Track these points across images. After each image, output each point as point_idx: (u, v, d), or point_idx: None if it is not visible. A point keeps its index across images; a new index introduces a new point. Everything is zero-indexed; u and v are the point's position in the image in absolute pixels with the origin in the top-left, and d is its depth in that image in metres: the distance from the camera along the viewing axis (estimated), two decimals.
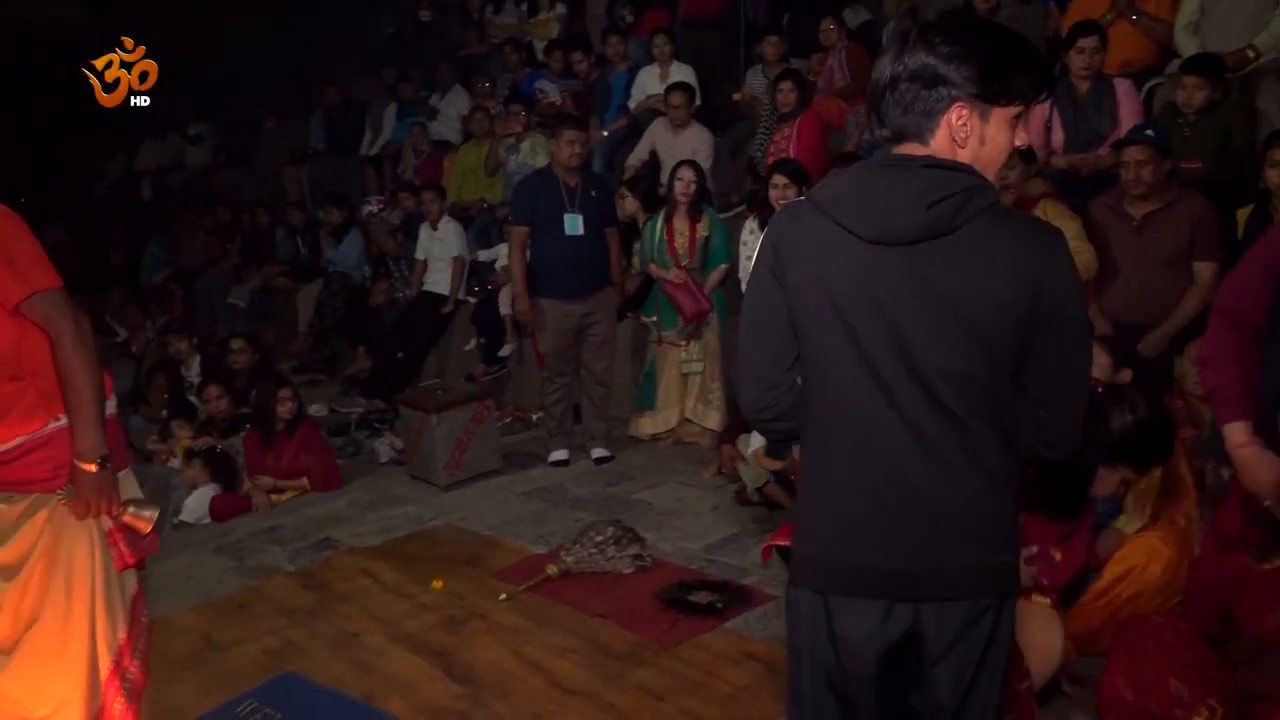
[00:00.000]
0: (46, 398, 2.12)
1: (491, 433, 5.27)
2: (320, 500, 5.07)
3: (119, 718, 2.19)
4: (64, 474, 2.13)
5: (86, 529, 2.15)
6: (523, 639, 3.34)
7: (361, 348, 7.58)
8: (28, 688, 2.12)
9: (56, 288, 2.10)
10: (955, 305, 1.51)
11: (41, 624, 2.11)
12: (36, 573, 2.11)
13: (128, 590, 2.25)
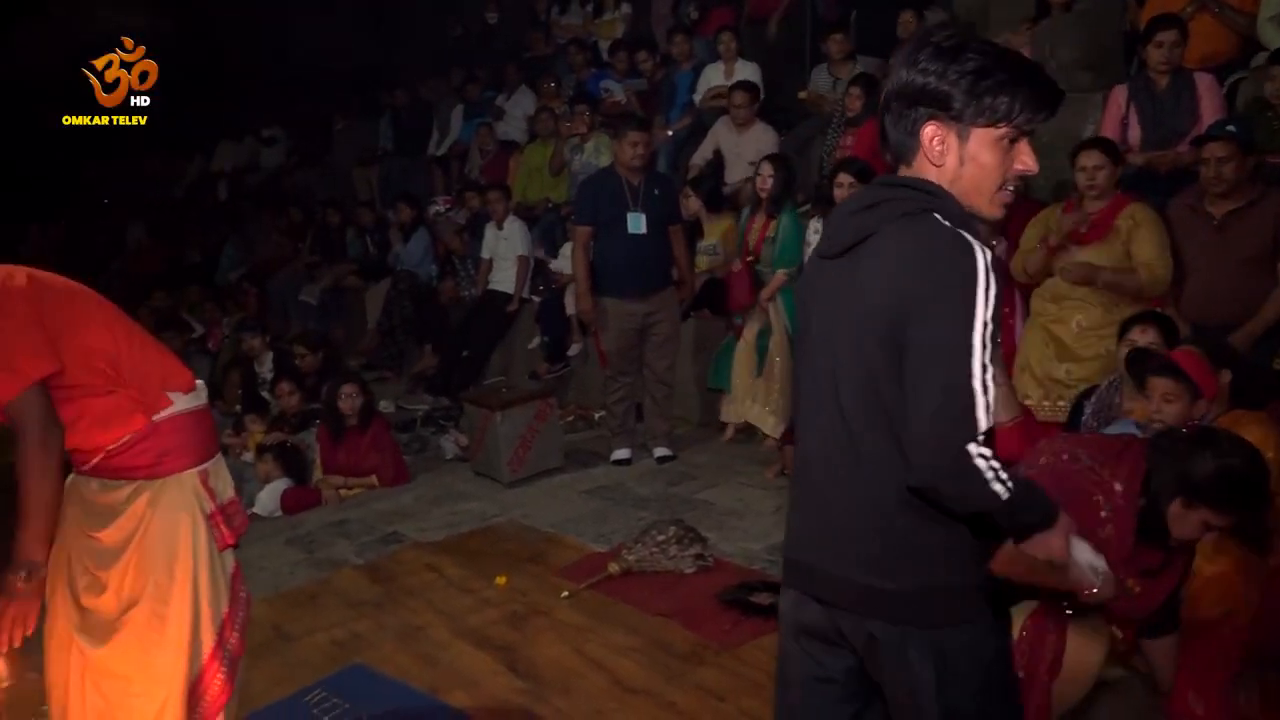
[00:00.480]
0: (142, 400, 2.23)
1: (554, 431, 5.31)
2: (387, 495, 5.16)
3: (219, 688, 2.30)
4: (166, 461, 2.24)
5: (189, 511, 2.26)
6: (584, 636, 3.36)
7: (428, 346, 7.69)
8: (131, 664, 2.22)
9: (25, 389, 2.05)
10: (857, 311, 1.55)
11: (142, 604, 2.21)
12: (137, 556, 2.22)
13: (228, 568, 2.37)
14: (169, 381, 2.30)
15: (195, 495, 2.29)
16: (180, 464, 2.27)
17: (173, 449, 2.26)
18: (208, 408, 2.40)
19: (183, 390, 2.31)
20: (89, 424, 2.19)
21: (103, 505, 2.25)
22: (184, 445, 2.28)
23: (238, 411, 6.53)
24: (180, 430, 2.28)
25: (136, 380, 2.23)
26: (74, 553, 2.26)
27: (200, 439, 2.33)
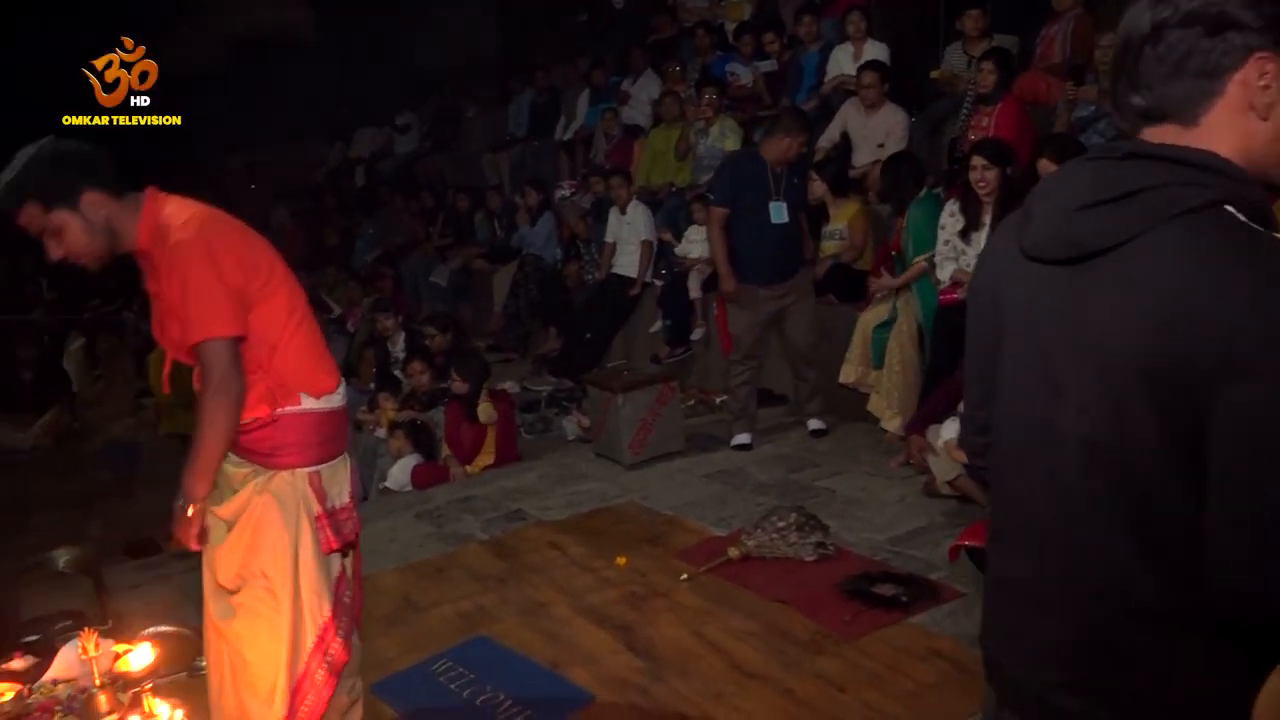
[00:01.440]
0: (274, 392, 2.27)
1: (675, 414, 5.32)
2: (511, 473, 5.28)
3: (320, 684, 2.33)
4: (282, 455, 2.29)
5: (294, 509, 2.29)
6: (703, 619, 3.36)
7: (552, 328, 7.81)
8: (245, 644, 2.31)
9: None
10: (1099, 350, 1.10)
11: (252, 585, 2.30)
12: (244, 540, 2.29)
13: (333, 572, 2.37)
14: (309, 383, 2.32)
15: (303, 495, 2.30)
16: (293, 461, 2.30)
17: (288, 445, 2.29)
18: (339, 413, 2.40)
19: (317, 393, 2.33)
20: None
21: (227, 479, 2.33)
22: (300, 444, 2.31)
23: (372, 389, 6.78)
24: (299, 429, 2.30)
25: (279, 373, 2.29)
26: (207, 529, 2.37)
27: (319, 441, 2.33)
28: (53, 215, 2.13)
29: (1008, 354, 1.26)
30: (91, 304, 11.51)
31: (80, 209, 2.13)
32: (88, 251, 2.18)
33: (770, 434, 5.44)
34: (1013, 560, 1.26)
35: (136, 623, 3.47)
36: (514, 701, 2.93)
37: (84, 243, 2.16)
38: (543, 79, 10.34)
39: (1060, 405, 1.16)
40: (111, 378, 8.06)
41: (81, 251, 2.18)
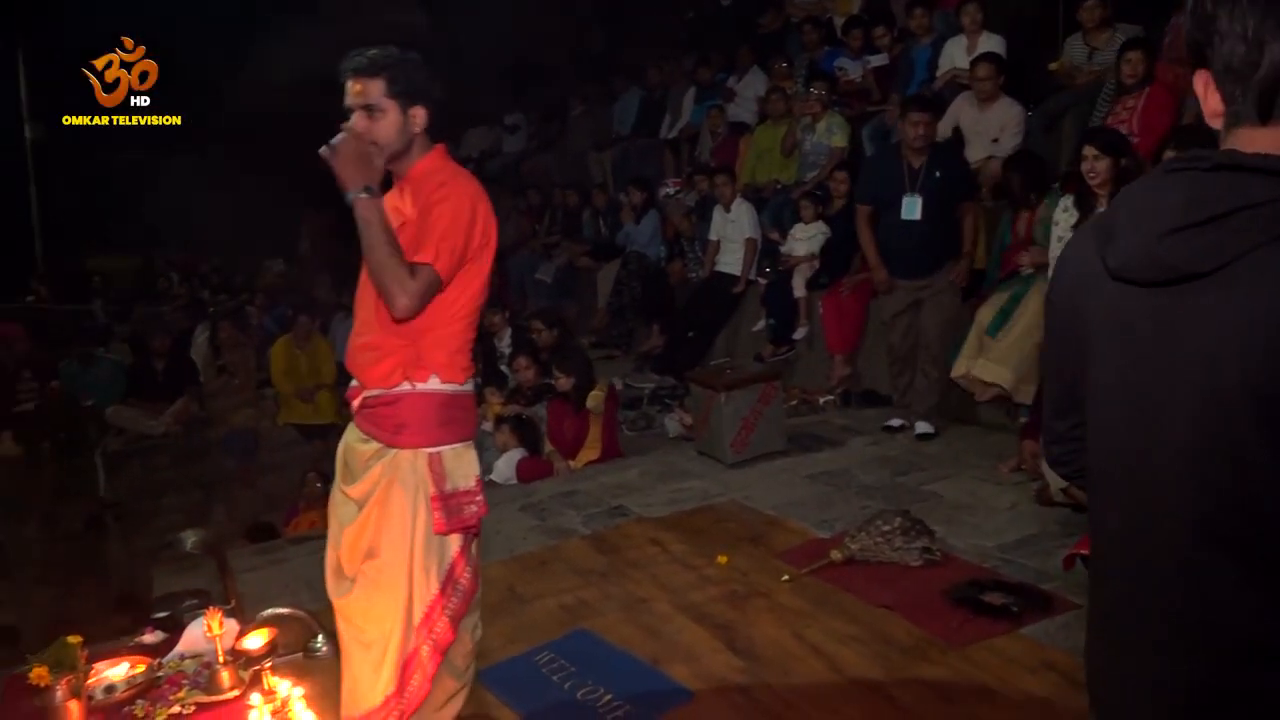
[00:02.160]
0: (405, 365, 2.34)
1: (778, 413, 5.28)
2: (613, 469, 5.32)
3: (425, 662, 2.39)
4: (405, 434, 2.35)
5: (411, 488, 2.35)
6: (804, 621, 3.33)
7: (656, 325, 7.84)
8: (363, 612, 2.38)
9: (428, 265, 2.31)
10: (1203, 375, 1.03)
11: (374, 560, 2.38)
12: (374, 514, 2.37)
13: (448, 552, 2.41)
14: (444, 367, 2.38)
15: (421, 475, 2.35)
16: (414, 441, 2.35)
17: (411, 424, 2.35)
18: (465, 398, 2.45)
19: (446, 378, 2.38)
20: (375, 348, 2.38)
21: (355, 457, 2.43)
22: (422, 424, 2.36)
23: (478, 384, 6.93)
24: (423, 409, 2.36)
25: (424, 347, 2.36)
26: (336, 508, 2.48)
27: (440, 423, 2.38)
28: (386, 100, 2.33)
29: (1096, 380, 1.18)
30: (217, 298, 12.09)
31: (407, 112, 2.35)
32: (384, 142, 2.35)
33: (874, 436, 5.35)
34: (1117, 596, 1.18)
35: (255, 604, 3.64)
36: (614, 696, 2.95)
37: (387, 136, 2.35)
38: (651, 77, 10.37)
39: (1159, 432, 1.09)
40: (234, 369, 8.44)
41: (380, 139, 2.34)
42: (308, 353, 8.19)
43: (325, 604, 3.81)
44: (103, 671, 2.52)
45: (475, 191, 2.38)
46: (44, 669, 2.28)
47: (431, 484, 2.36)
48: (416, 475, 2.35)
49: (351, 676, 2.42)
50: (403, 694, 2.37)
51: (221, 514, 8.25)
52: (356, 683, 2.41)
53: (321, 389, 8.13)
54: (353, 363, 2.44)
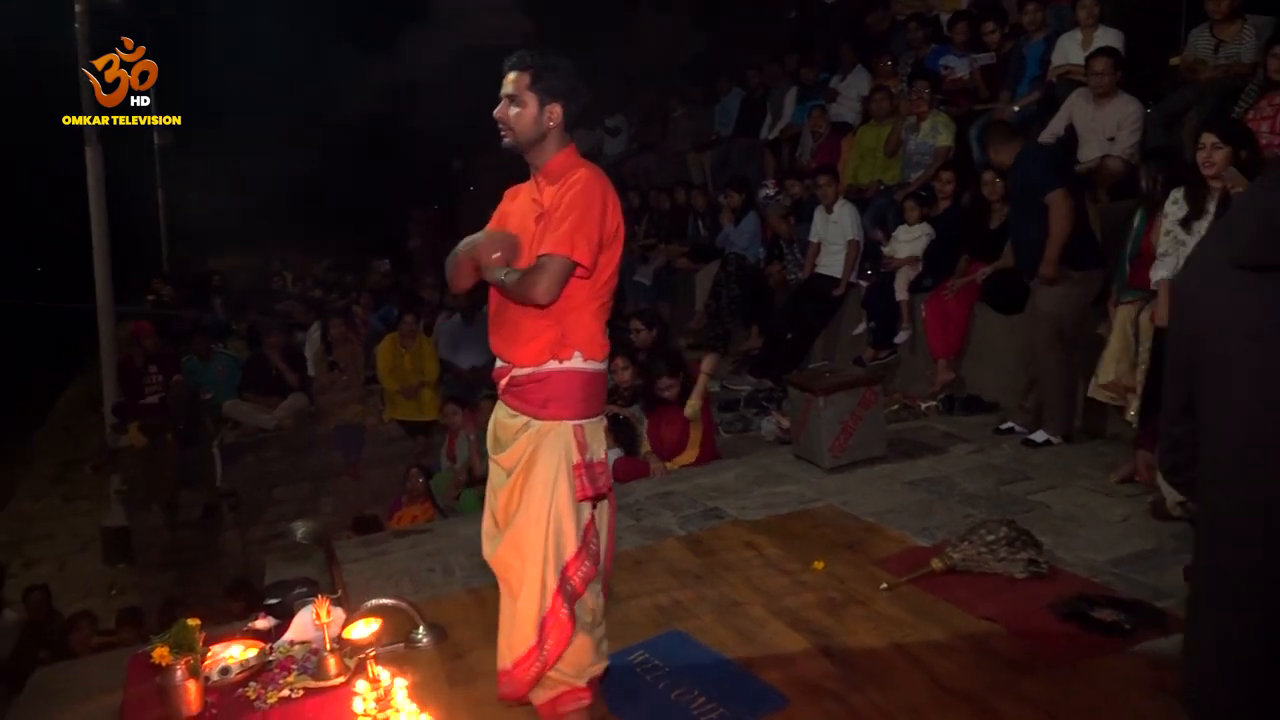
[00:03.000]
0: (552, 345, 2.57)
1: (878, 419, 5.19)
2: (709, 472, 5.31)
3: (563, 622, 2.58)
4: (551, 407, 2.58)
5: (557, 457, 2.56)
6: (903, 630, 3.27)
7: (754, 327, 7.81)
8: (510, 569, 2.62)
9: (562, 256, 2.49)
10: None
11: (518, 524, 2.59)
12: (521, 480, 2.59)
13: (582, 518, 2.62)
14: (587, 346, 2.60)
15: (566, 445, 2.57)
16: (559, 413, 2.57)
17: (556, 399, 2.57)
18: (601, 376, 2.66)
19: (587, 356, 2.60)
20: (521, 330, 2.60)
21: (504, 430, 2.67)
22: (567, 399, 2.57)
23: None
24: (567, 385, 2.57)
25: (569, 327, 2.58)
26: (490, 478, 2.73)
27: (583, 398, 2.60)
28: (528, 93, 2.57)
29: (1217, 369, 1.15)
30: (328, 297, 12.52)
31: (545, 106, 2.58)
32: (519, 131, 2.59)
33: (978, 443, 5.22)
34: (1229, 616, 1.13)
35: (360, 593, 3.75)
36: (707, 699, 2.95)
37: (524, 127, 2.59)
38: (752, 77, 10.32)
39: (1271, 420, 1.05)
40: (343, 366, 8.71)
41: (516, 129, 2.59)
42: (412, 351, 8.41)
43: (427, 596, 3.93)
44: (218, 654, 2.64)
45: (605, 184, 2.58)
46: (165, 649, 2.40)
47: (576, 453, 2.59)
48: (561, 445, 2.58)
49: (505, 630, 2.66)
50: (542, 646, 2.59)
51: (329, 506, 8.54)
52: (508, 635, 2.65)
53: (424, 386, 8.34)
54: (500, 344, 2.67)
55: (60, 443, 12.61)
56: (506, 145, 2.65)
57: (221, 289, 13.20)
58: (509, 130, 2.60)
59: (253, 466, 8.46)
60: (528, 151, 2.63)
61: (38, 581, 7.87)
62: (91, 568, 9.49)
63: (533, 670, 2.62)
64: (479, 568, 4.23)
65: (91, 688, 3.73)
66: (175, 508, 8.16)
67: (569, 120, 2.63)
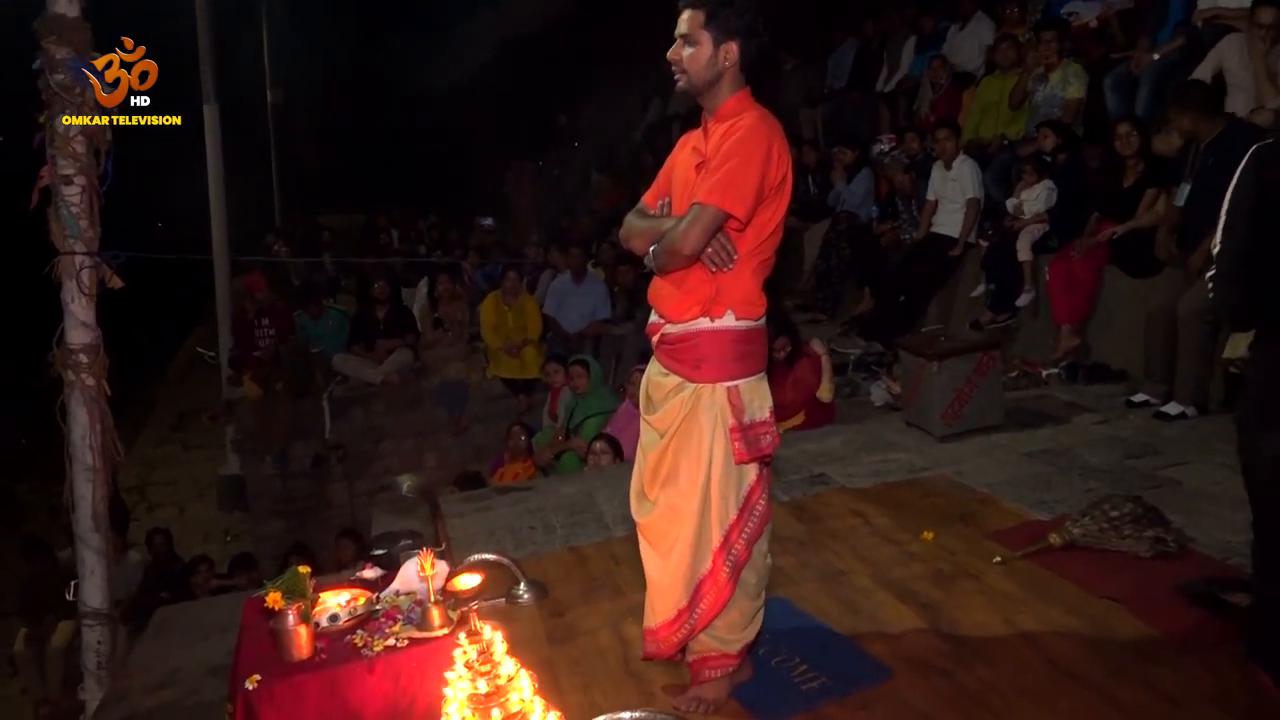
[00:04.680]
0: (704, 301, 2.51)
1: (995, 385, 5.05)
2: (816, 437, 5.26)
3: (722, 584, 2.59)
4: (704, 368, 2.54)
5: (711, 420, 2.53)
6: (1017, 607, 3.19)
7: (865, 289, 7.67)
8: (662, 532, 2.62)
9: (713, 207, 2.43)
10: None
11: (673, 486, 2.59)
12: (674, 444, 2.57)
13: (744, 480, 2.60)
14: (741, 303, 2.53)
15: (720, 408, 2.52)
16: (713, 375, 2.53)
17: (709, 359, 2.53)
18: (758, 332, 2.59)
19: (741, 314, 2.53)
20: (675, 284, 2.56)
21: (657, 390, 2.65)
22: (720, 359, 2.53)
23: None
24: (720, 344, 2.52)
25: (723, 283, 2.52)
26: (641, 436, 2.72)
27: (737, 358, 2.54)
28: (702, 32, 2.47)
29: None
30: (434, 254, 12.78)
31: (720, 46, 2.48)
32: (693, 74, 2.51)
33: (1103, 413, 5.03)
34: None
35: (463, 548, 3.86)
36: (809, 667, 2.93)
37: (697, 69, 2.50)
38: (868, 28, 10.03)
39: None
40: (449, 323, 8.91)
41: (690, 71, 2.51)
42: (515, 309, 8.54)
43: (528, 552, 4.02)
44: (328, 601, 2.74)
45: (772, 130, 2.46)
46: (278, 595, 2.51)
47: (731, 416, 2.54)
48: (716, 408, 2.54)
49: (651, 591, 2.68)
50: (694, 609, 2.61)
51: (432, 461, 8.79)
52: (654, 597, 2.67)
53: (527, 344, 8.47)
54: (654, 297, 2.64)
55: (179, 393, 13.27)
56: (681, 89, 2.56)
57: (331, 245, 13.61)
58: (682, 73, 2.51)
59: (360, 420, 8.76)
60: (702, 95, 2.54)
61: (160, 525, 8.35)
62: (209, 514, 10.01)
63: (679, 633, 2.64)
64: (580, 526, 4.32)
65: (209, 627, 3.96)
66: (286, 458, 8.52)
67: (745, 60, 2.51)
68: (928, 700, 2.73)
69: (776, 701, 2.78)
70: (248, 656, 2.61)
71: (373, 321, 8.96)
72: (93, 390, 4.22)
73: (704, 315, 2.52)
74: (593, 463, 5.68)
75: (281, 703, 2.45)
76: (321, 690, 2.49)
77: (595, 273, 9.23)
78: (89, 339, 4.22)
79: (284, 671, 2.50)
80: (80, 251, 4.15)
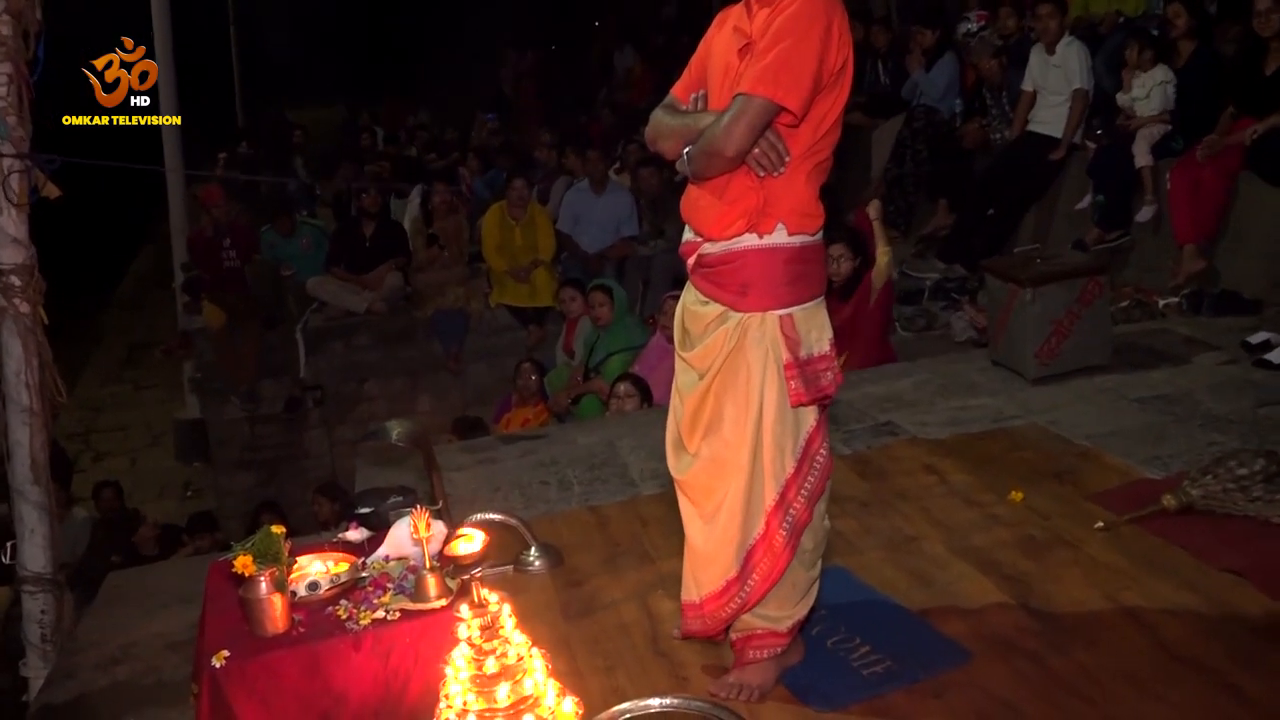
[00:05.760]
0: (749, 213, 2.48)
1: (1101, 318, 5.03)
2: (882, 377, 5.27)
3: (779, 549, 2.59)
4: (751, 294, 2.51)
5: (762, 356, 2.52)
6: (1121, 581, 3.20)
7: (943, 200, 7.64)
8: (705, 490, 2.64)
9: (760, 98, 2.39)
10: None
11: (718, 435, 2.60)
12: (717, 385, 2.57)
13: (803, 426, 2.59)
14: (793, 215, 2.50)
15: (772, 340, 2.51)
16: (762, 302, 2.51)
17: (756, 283, 2.51)
18: (813, 250, 2.57)
19: (794, 228, 2.50)
20: (715, 193, 2.52)
21: (694, 321, 2.63)
22: (769, 282, 2.51)
23: None
24: (767, 265, 2.50)
25: (775, 191, 2.47)
26: (676, 376, 2.73)
27: (788, 281, 2.51)
28: None
29: None
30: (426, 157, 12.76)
31: None
32: None
33: (1232, 352, 5.00)
34: None
35: (463, 507, 3.91)
36: (872, 649, 2.97)
37: None
38: None
39: None
40: (445, 240, 8.92)
41: None
42: (523, 224, 8.54)
43: (540, 512, 4.07)
44: (306, 567, 2.80)
45: (831, 7, 2.41)
46: (248, 559, 2.56)
47: (785, 350, 2.52)
48: (767, 341, 2.52)
49: (692, 559, 2.70)
50: (745, 580, 2.62)
51: (427, 404, 8.89)
52: (697, 566, 2.69)
53: (538, 267, 8.48)
54: (689, 210, 2.61)
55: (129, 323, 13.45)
56: None
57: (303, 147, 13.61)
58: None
59: (341, 356, 8.85)
60: None
61: (109, 478, 8.54)
62: (165, 465, 10.21)
63: (729, 608, 2.66)
64: (601, 482, 4.36)
65: (168, 596, 4.05)
66: (254, 400, 8.64)
67: None
68: (1012, 687, 2.76)
69: (833, 688, 2.81)
70: (214, 630, 2.68)
71: (356, 239, 8.99)
72: (27, 319, 4.27)
73: (750, 230, 2.50)
74: (616, 407, 5.72)
75: (254, 683, 2.51)
76: (300, 669, 2.55)
77: (619, 180, 9.20)
78: (21, 258, 4.26)
79: (256, 647, 2.56)
80: (9, 154, 4.17)
